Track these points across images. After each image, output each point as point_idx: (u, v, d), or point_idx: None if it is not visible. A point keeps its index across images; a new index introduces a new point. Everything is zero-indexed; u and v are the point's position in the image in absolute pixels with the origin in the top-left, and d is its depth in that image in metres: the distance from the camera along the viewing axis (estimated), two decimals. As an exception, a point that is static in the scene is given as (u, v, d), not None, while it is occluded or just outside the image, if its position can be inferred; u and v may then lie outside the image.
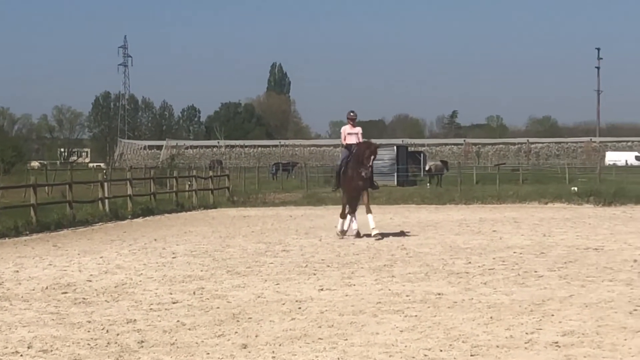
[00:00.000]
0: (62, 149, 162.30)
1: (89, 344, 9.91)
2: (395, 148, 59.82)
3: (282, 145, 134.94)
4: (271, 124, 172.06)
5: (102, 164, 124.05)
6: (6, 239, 24.70)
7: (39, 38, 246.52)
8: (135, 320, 11.30)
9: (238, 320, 11.15)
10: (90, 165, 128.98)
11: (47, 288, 14.36)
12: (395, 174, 56.33)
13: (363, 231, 22.62)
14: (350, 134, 23.22)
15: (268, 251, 19.73)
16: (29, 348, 9.78)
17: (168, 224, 29.94)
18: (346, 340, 9.86)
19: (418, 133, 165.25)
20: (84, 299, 13.21)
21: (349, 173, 22.63)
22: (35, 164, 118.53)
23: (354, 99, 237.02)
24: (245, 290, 13.80)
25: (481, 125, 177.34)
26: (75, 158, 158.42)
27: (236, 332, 10.39)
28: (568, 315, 11.04)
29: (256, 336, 10.14)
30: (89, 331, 10.65)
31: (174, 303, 12.63)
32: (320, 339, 9.94)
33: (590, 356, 8.98)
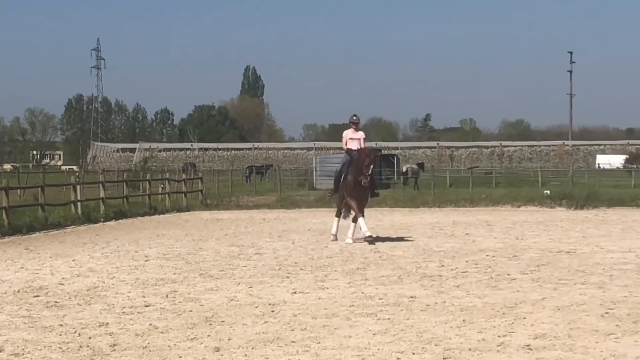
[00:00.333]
0: (35, 152, 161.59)
1: (60, 348, 9.87)
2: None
3: (256, 148, 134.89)
4: (245, 127, 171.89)
5: (75, 167, 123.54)
6: (-22, 242, 24.55)
7: (11, 40, 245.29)
8: (107, 323, 11.25)
9: (211, 324, 11.12)
10: (63, 168, 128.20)
11: (19, 291, 14.27)
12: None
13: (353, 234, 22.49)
14: (352, 138, 22.71)
15: (241, 254, 19.70)
16: (0, 352, 9.72)
17: (141, 227, 29.83)
18: (319, 343, 9.85)
19: (391, 136, 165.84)
20: (56, 302, 13.14)
21: (349, 179, 22.27)
22: (7, 166, 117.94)
23: (328, 102, 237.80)
24: (218, 293, 13.77)
25: (454, 129, 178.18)
26: (47, 161, 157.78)
27: (209, 336, 10.37)
28: (540, 318, 11.08)
29: (229, 339, 10.13)
30: (60, 335, 10.60)
31: (146, 306, 12.58)
32: (293, 342, 9.94)
33: (562, 359, 9.02)
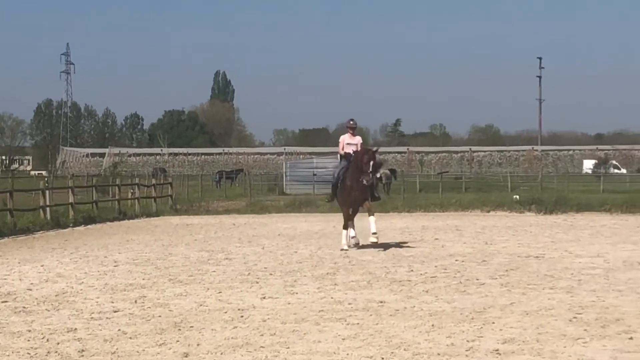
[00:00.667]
0: (3, 157, 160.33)
1: (28, 353, 9.82)
2: (339, 156, 59.68)
3: (226, 153, 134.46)
4: (215, 131, 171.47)
5: (44, 172, 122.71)
6: (-55, 247, 24.37)
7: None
8: (76, 329, 11.21)
9: (180, 329, 11.10)
10: (32, 173, 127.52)
11: (-14, 297, 14.20)
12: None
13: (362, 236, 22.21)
14: (349, 144, 22.60)
15: (211, 259, 19.67)
16: (-33, 358, 9.67)
17: (110, 232, 29.71)
18: (288, 348, 9.86)
19: (362, 141, 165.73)
20: (24, 307, 13.07)
21: (348, 183, 21.87)
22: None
23: (298, 108, 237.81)
24: (187, 298, 13.75)
25: (424, 134, 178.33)
26: (16, 166, 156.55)
27: (178, 341, 10.35)
28: (509, 323, 11.13)
29: (198, 345, 10.11)
30: (29, 340, 10.55)
31: (115, 312, 12.54)
32: (262, 347, 9.93)
33: (530, 363, 9.07)
